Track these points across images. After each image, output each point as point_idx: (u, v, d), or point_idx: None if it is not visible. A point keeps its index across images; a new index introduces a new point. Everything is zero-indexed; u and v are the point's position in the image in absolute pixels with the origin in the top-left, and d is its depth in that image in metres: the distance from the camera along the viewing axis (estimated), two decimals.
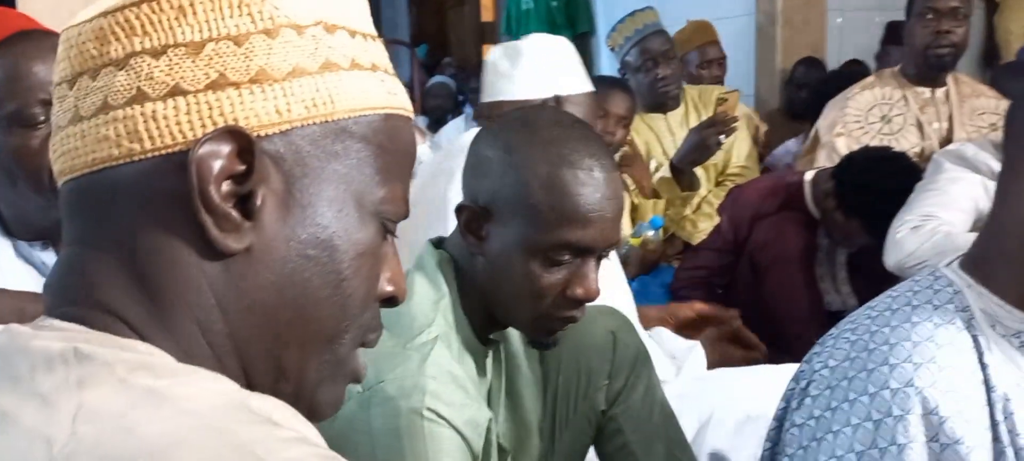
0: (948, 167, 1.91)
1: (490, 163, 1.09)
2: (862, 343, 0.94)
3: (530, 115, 1.12)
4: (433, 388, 1.00)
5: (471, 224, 1.09)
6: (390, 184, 0.60)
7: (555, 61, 1.85)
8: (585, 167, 1.04)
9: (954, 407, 0.87)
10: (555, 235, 1.03)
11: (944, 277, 0.97)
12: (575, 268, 1.06)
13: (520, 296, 1.07)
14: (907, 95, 2.61)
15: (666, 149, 2.94)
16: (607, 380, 1.31)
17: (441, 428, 0.99)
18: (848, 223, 2.21)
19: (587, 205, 1.03)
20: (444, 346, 1.05)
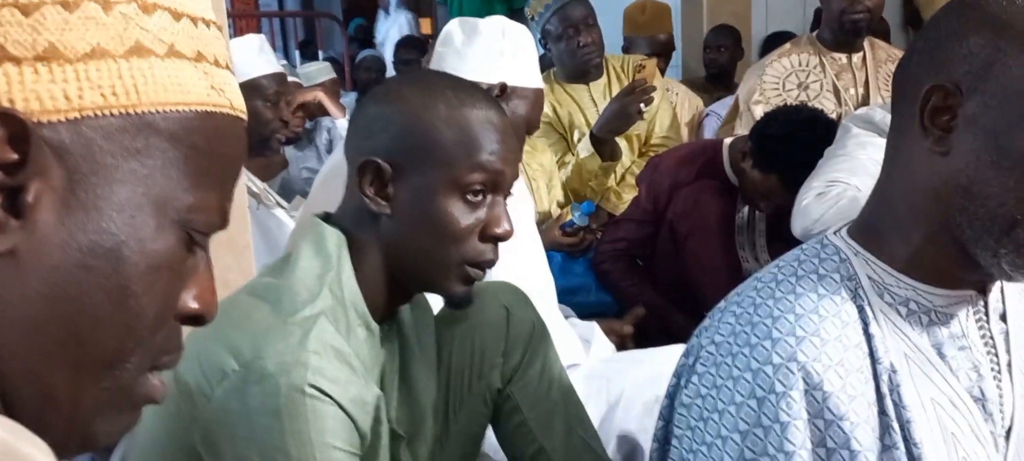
0: (856, 131, 1.90)
1: (385, 118, 1.06)
2: (747, 317, 0.90)
3: (413, 74, 1.14)
4: (316, 364, 0.94)
5: (375, 186, 1.05)
6: (202, 191, 0.53)
7: (511, 49, 1.81)
8: (480, 106, 1.07)
9: (838, 382, 0.84)
10: (469, 167, 1.04)
11: (831, 245, 0.94)
12: (489, 207, 1.07)
13: (440, 243, 1.05)
14: (824, 61, 2.61)
15: (589, 119, 2.89)
16: (502, 357, 1.26)
17: (325, 405, 0.94)
18: (766, 181, 2.19)
19: (493, 135, 1.06)
20: (329, 321, 1.00)
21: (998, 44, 0.81)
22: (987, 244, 0.83)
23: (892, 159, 0.93)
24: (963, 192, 0.83)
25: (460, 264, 1.06)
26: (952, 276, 0.89)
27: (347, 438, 0.96)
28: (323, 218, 1.11)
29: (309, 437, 0.93)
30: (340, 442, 0.96)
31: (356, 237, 1.07)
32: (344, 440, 0.96)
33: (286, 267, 1.05)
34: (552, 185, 2.70)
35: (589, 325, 1.79)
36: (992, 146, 0.81)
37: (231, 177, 0.57)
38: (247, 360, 0.94)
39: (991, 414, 0.90)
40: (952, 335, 0.90)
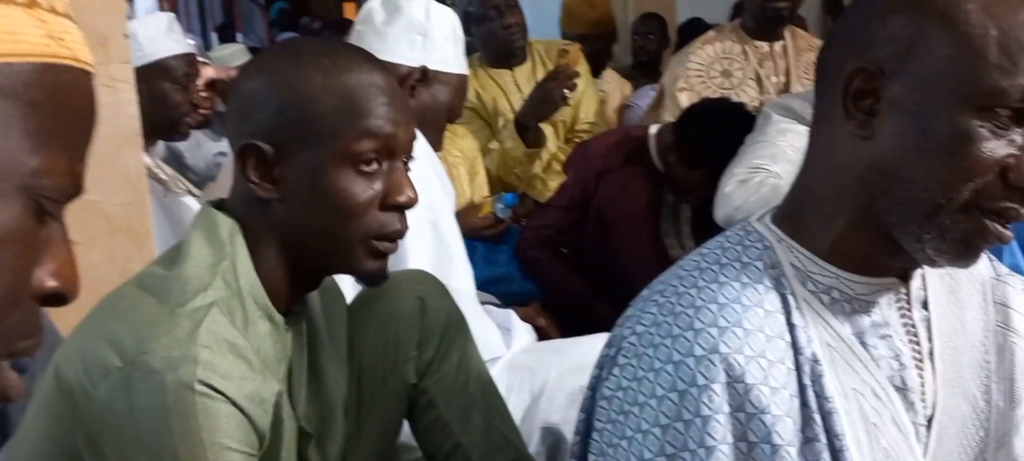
0: (776, 119, 1.91)
1: (260, 97, 0.99)
2: (669, 306, 0.87)
3: (288, 45, 1.07)
4: (206, 358, 0.88)
5: (259, 171, 0.98)
6: (47, 152, 0.47)
7: (434, 31, 1.75)
8: (360, 69, 1.00)
9: (761, 374, 0.81)
10: (357, 135, 0.98)
11: (755, 232, 0.92)
12: (387, 175, 1.00)
13: (339, 221, 0.99)
14: (747, 49, 2.62)
15: (513, 104, 2.85)
16: (416, 350, 1.21)
17: (216, 403, 0.88)
18: (690, 175, 2.19)
19: (379, 97, 0.99)
20: (223, 313, 0.93)
21: (921, 25, 0.80)
22: (911, 229, 0.82)
23: (815, 144, 0.90)
24: (887, 176, 0.82)
25: (365, 239, 1.00)
26: (875, 263, 0.87)
27: (242, 438, 0.90)
28: (216, 205, 1.03)
29: (199, 437, 0.87)
30: (234, 442, 0.89)
31: (250, 224, 1.00)
32: (239, 440, 0.90)
33: (176, 257, 0.98)
34: (474, 172, 2.65)
35: (506, 313, 1.75)
36: (916, 129, 0.80)
37: (82, 136, 0.51)
38: (131, 356, 0.88)
39: (913, 403, 0.89)
40: (874, 324, 0.89)
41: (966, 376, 0.93)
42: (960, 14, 0.78)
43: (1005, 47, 0.77)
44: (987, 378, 0.94)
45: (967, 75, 0.77)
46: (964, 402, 0.93)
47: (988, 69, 0.77)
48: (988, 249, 0.85)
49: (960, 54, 0.78)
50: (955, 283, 0.95)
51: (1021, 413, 0.94)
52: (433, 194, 1.55)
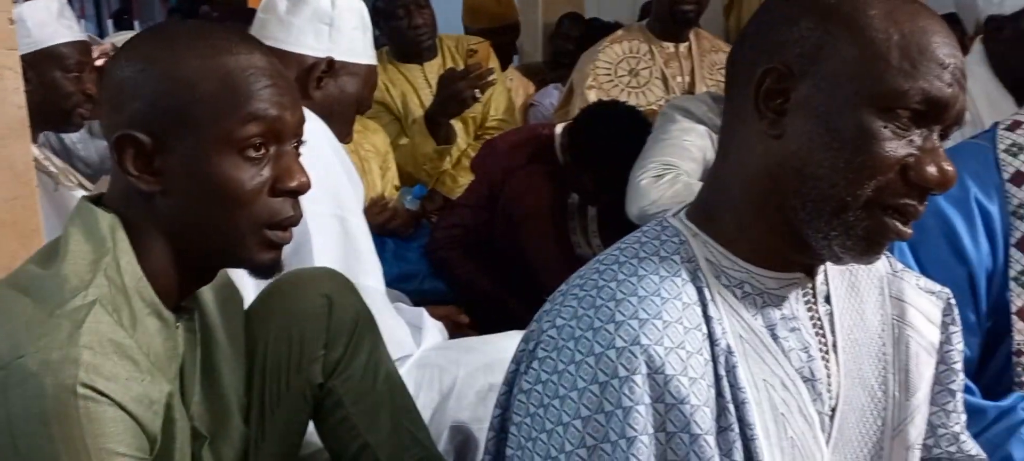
0: (679, 119, 1.95)
1: (133, 84, 0.93)
2: (589, 300, 0.87)
3: (160, 29, 1.02)
4: (89, 360, 0.83)
5: (138, 162, 0.92)
6: None
7: (341, 21, 1.69)
8: (239, 51, 0.95)
9: (679, 365, 0.82)
10: (240, 120, 0.93)
11: (671, 227, 0.93)
12: (275, 160, 0.96)
13: (227, 211, 0.94)
14: (653, 49, 2.67)
15: (423, 100, 2.83)
16: (323, 349, 1.17)
17: (101, 407, 0.83)
18: (582, 177, 2.21)
19: (260, 80, 0.94)
20: (106, 311, 0.88)
21: (827, 28, 0.82)
22: (818, 226, 0.84)
23: (728, 142, 0.92)
24: (796, 174, 0.84)
25: (256, 229, 0.95)
26: (784, 258, 0.89)
27: (131, 442, 0.86)
28: (95, 200, 0.98)
29: (83, 443, 0.82)
30: (122, 447, 0.85)
31: (132, 218, 0.95)
32: (127, 444, 0.85)
33: (53, 254, 0.92)
34: (386, 167, 2.62)
35: (417, 311, 1.72)
36: (823, 128, 0.82)
37: None
38: (5, 360, 0.83)
39: (819, 394, 0.92)
40: (784, 317, 0.91)
41: (865, 368, 0.96)
42: (864, 19, 0.81)
43: (906, 51, 0.80)
44: (885, 369, 0.98)
45: (870, 77, 0.80)
46: (863, 393, 0.96)
47: (890, 72, 0.80)
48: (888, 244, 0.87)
49: (864, 57, 0.81)
50: (855, 279, 0.98)
51: (915, 403, 0.98)
52: (340, 189, 1.51)
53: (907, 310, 0.99)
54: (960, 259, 1.31)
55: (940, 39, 0.81)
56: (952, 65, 0.81)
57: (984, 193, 1.33)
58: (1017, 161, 1.34)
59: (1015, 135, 1.36)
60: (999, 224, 1.32)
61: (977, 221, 1.31)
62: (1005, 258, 1.31)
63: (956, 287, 1.29)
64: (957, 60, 0.82)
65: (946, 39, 0.82)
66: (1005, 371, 1.30)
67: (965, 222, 1.31)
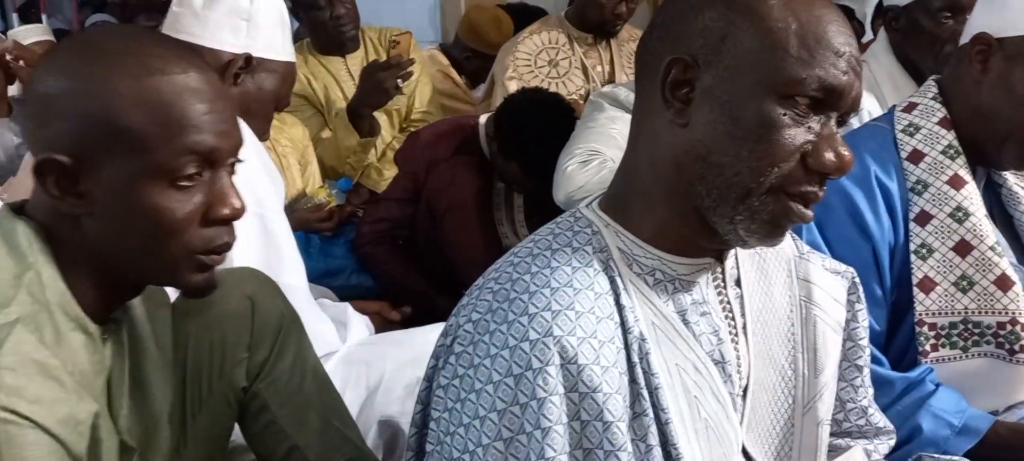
0: (606, 107, 1.98)
1: (58, 102, 0.88)
2: (504, 293, 0.88)
3: (87, 41, 0.94)
4: (11, 382, 0.81)
5: (62, 183, 0.88)
6: None
7: (259, 17, 1.66)
8: (173, 70, 0.89)
9: (592, 354, 0.84)
10: (173, 151, 0.88)
11: (584, 217, 0.95)
12: (209, 186, 0.92)
13: (157, 240, 0.90)
14: (572, 40, 2.70)
15: (346, 93, 2.80)
16: (247, 352, 1.16)
17: (23, 430, 0.81)
18: (508, 166, 2.22)
19: (197, 106, 0.89)
20: (29, 329, 0.85)
21: (730, 18, 0.85)
22: (724, 212, 0.87)
23: (637, 132, 0.94)
24: (702, 162, 0.86)
25: (188, 256, 0.92)
26: (693, 244, 0.92)
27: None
28: (16, 209, 0.94)
29: None
30: None
31: (55, 232, 0.91)
32: None
33: None
34: (306, 161, 2.59)
35: (342, 307, 1.72)
36: (727, 117, 0.85)
37: None
38: None
39: (730, 376, 0.95)
40: (694, 302, 0.94)
41: (775, 348, 1.00)
42: (764, 9, 0.84)
43: (804, 40, 0.83)
44: (794, 349, 1.01)
45: (770, 66, 0.83)
46: (774, 372, 1.00)
47: (789, 60, 0.83)
48: (791, 228, 0.91)
49: (764, 47, 0.83)
50: (763, 262, 1.02)
51: (824, 380, 1.03)
52: (260, 186, 1.49)
53: (814, 290, 1.03)
54: (864, 235, 1.36)
55: (836, 28, 0.85)
56: (847, 53, 0.84)
57: (884, 171, 1.39)
58: (913, 140, 1.40)
59: (911, 116, 1.43)
60: (899, 200, 1.38)
61: (878, 198, 1.37)
62: (905, 233, 1.37)
63: (861, 262, 1.35)
64: (852, 48, 0.85)
65: (842, 28, 0.85)
66: (910, 341, 1.37)
67: (867, 200, 1.37)
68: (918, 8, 1.94)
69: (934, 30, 1.92)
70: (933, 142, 1.39)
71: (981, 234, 1.33)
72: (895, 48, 2.01)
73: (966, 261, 1.33)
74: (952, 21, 1.90)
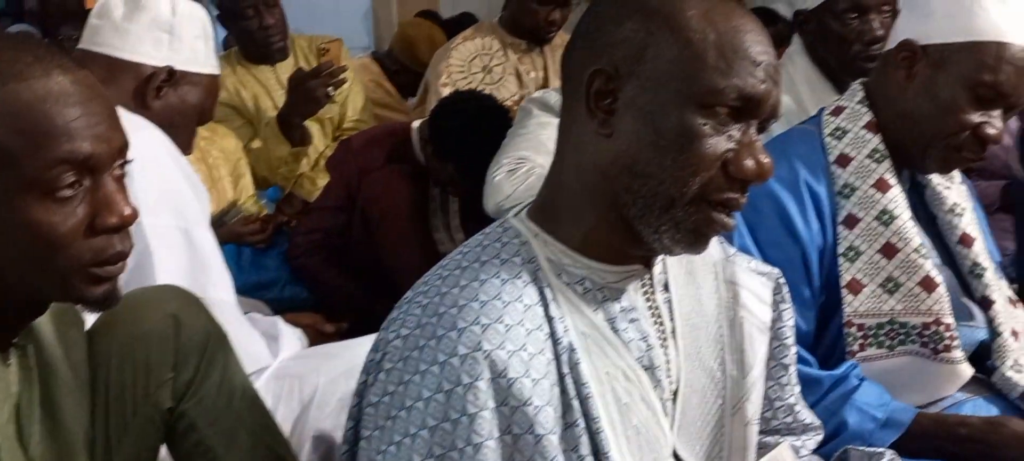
0: (536, 113, 1.98)
1: None
2: (432, 307, 0.87)
3: None
4: None
5: None
6: None
7: (182, 29, 1.61)
8: (36, 75, 0.83)
9: (522, 367, 0.84)
10: (45, 164, 0.82)
11: (512, 228, 0.94)
12: (92, 194, 0.85)
13: (42, 256, 0.84)
14: (506, 46, 2.70)
15: (276, 102, 2.76)
16: (172, 372, 1.12)
17: None
18: (444, 168, 2.21)
19: (67, 110, 0.83)
20: None
21: (650, 29, 0.85)
22: (649, 221, 0.87)
23: (564, 142, 0.94)
24: (627, 172, 0.86)
25: (79, 270, 0.86)
26: (621, 252, 0.92)
27: None
28: None
29: None
30: None
31: None
32: None
33: None
34: (239, 173, 2.54)
35: (272, 320, 1.68)
36: (650, 127, 0.85)
37: None
38: None
39: (660, 381, 0.95)
40: (623, 309, 0.94)
41: (704, 350, 1.01)
42: (682, 19, 0.85)
43: (722, 50, 0.84)
44: (722, 351, 1.02)
45: (690, 76, 0.84)
46: (703, 374, 1.00)
47: (707, 70, 0.84)
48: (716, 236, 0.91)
49: (683, 57, 0.84)
50: (691, 265, 1.03)
51: (752, 380, 1.04)
52: (182, 200, 1.45)
53: (740, 292, 1.04)
54: (793, 238, 1.38)
55: (753, 38, 0.86)
56: (765, 62, 0.85)
57: (812, 175, 1.41)
58: (841, 144, 1.43)
59: (838, 120, 1.45)
60: (827, 203, 1.40)
61: (807, 202, 1.39)
62: (833, 235, 1.40)
63: (791, 264, 1.37)
64: (769, 57, 0.86)
65: (759, 38, 0.86)
66: (838, 341, 1.39)
67: (796, 203, 1.39)
68: (825, 11, 1.99)
69: (842, 31, 1.97)
70: (859, 146, 1.42)
71: (906, 237, 1.36)
72: (809, 50, 2.06)
73: (892, 263, 1.36)
74: (857, 21, 1.96)
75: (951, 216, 1.45)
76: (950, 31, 1.34)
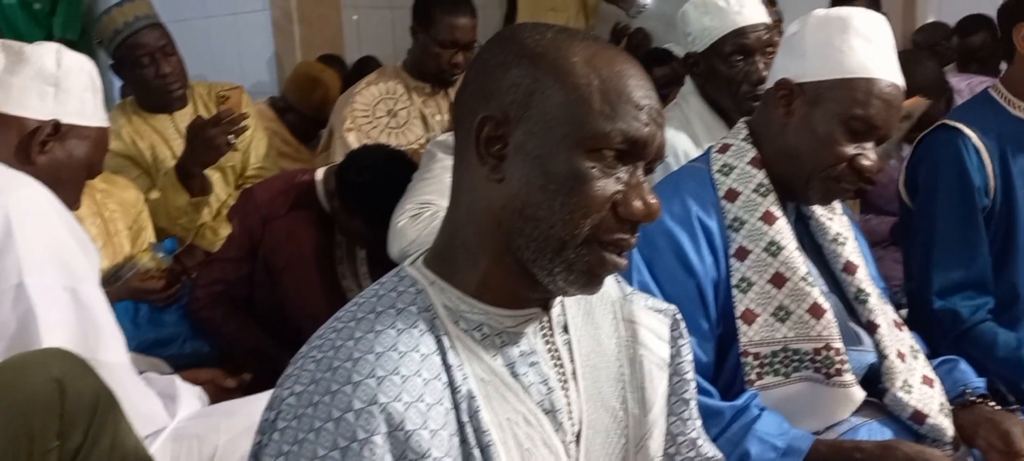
0: (441, 156, 1.99)
1: None
2: (327, 362, 0.86)
3: None
4: None
5: None
6: None
7: (68, 82, 1.57)
8: None
9: (420, 419, 0.83)
10: None
11: (408, 276, 0.94)
12: None
13: None
14: (410, 90, 2.70)
15: (174, 151, 2.69)
16: (58, 440, 1.07)
17: None
18: (352, 221, 2.19)
19: None
20: None
21: (536, 75, 0.87)
22: (543, 264, 0.88)
23: (458, 188, 0.95)
24: (519, 216, 0.87)
25: None
26: (518, 296, 0.93)
27: None
28: None
29: None
30: None
31: None
32: None
33: None
34: (140, 226, 2.46)
35: (169, 379, 1.63)
36: (539, 171, 0.86)
37: None
38: None
39: (561, 424, 0.95)
40: (523, 353, 0.94)
41: (606, 390, 1.02)
42: (567, 66, 0.87)
43: (606, 95, 0.86)
44: (623, 389, 1.03)
45: (576, 121, 0.86)
46: (606, 414, 1.01)
47: (593, 115, 0.85)
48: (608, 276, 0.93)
49: (569, 103, 0.86)
50: (590, 306, 1.04)
51: (653, 417, 1.05)
52: (69, 258, 1.39)
53: (639, 330, 1.06)
54: (688, 272, 1.42)
55: (635, 82, 0.88)
56: (647, 106, 0.88)
57: (704, 210, 1.46)
58: (728, 180, 1.48)
59: (725, 156, 1.51)
60: (719, 237, 1.45)
61: (700, 236, 1.44)
62: (727, 267, 1.44)
63: (688, 298, 1.41)
64: (651, 101, 0.89)
65: (641, 82, 0.89)
66: (738, 371, 1.43)
67: (689, 238, 1.43)
68: (713, 53, 2.08)
69: (729, 73, 2.06)
70: (746, 181, 1.47)
71: (793, 266, 1.42)
72: (700, 90, 2.14)
73: (782, 292, 1.41)
74: (743, 63, 2.05)
75: (835, 245, 1.51)
76: (823, 69, 1.42)
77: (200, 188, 2.56)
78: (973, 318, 1.74)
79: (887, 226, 2.81)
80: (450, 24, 2.65)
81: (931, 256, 1.78)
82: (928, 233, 1.80)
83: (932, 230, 1.79)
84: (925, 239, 1.81)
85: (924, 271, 1.80)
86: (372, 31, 4.36)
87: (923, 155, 1.85)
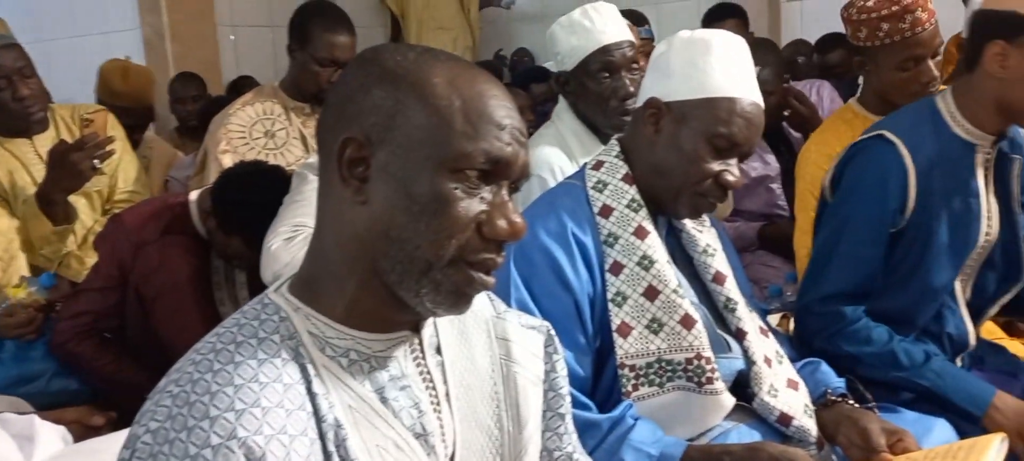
0: (311, 178, 1.96)
1: None
2: (184, 397, 0.82)
3: None
4: None
5: None
6: None
7: None
8: None
9: (282, 451, 0.80)
10: None
11: (272, 304, 0.91)
12: None
13: None
14: (289, 110, 2.65)
15: (35, 177, 2.55)
16: None
17: None
18: (230, 241, 2.13)
19: None
20: None
21: (397, 96, 0.86)
22: (409, 285, 0.87)
23: (322, 212, 0.93)
24: (384, 238, 0.86)
25: None
26: (387, 320, 0.92)
27: None
28: None
29: None
30: None
31: None
32: None
33: None
34: (11, 256, 2.32)
35: (27, 420, 1.54)
36: (402, 193, 0.85)
37: None
38: None
39: (433, 447, 0.94)
40: (392, 377, 0.93)
41: (480, 410, 1.01)
42: (429, 87, 0.86)
43: (468, 116, 0.86)
44: (498, 408, 1.03)
45: (438, 141, 0.85)
46: (481, 434, 1.01)
47: (455, 136, 0.85)
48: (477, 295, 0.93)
49: (431, 123, 0.86)
50: (463, 325, 1.03)
51: (528, 433, 1.05)
52: None
53: (512, 347, 1.06)
54: (565, 288, 1.44)
55: (497, 102, 0.88)
56: (509, 125, 0.88)
57: (579, 227, 1.48)
58: (602, 196, 1.51)
59: (599, 173, 1.54)
60: (594, 253, 1.47)
61: (575, 253, 1.46)
62: (602, 282, 1.47)
63: (565, 314, 1.43)
64: (514, 120, 0.90)
65: (503, 102, 0.89)
66: (615, 383, 1.46)
67: (566, 255, 1.45)
68: (581, 71, 2.13)
69: (597, 89, 2.12)
70: (619, 197, 1.50)
71: (665, 279, 1.45)
72: (573, 108, 2.19)
73: (655, 305, 1.45)
74: (610, 79, 2.11)
75: (705, 256, 1.56)
76: (688, 89, 1.47)
77: (64, 216, 2.44)
78: (852, 316, 1.76)
79: (755, 230, 2.92)
80: (329, 42, 2.60)
81: (830, 261, 1.78)
82: (835, 235, 1.79)
83: (838, 237, 1.78)
84: (830, 239, 1.79)
85: (819, 269, 1.80)
86: (252, 50, 4.27)
87: (852, 160, 1.81)
